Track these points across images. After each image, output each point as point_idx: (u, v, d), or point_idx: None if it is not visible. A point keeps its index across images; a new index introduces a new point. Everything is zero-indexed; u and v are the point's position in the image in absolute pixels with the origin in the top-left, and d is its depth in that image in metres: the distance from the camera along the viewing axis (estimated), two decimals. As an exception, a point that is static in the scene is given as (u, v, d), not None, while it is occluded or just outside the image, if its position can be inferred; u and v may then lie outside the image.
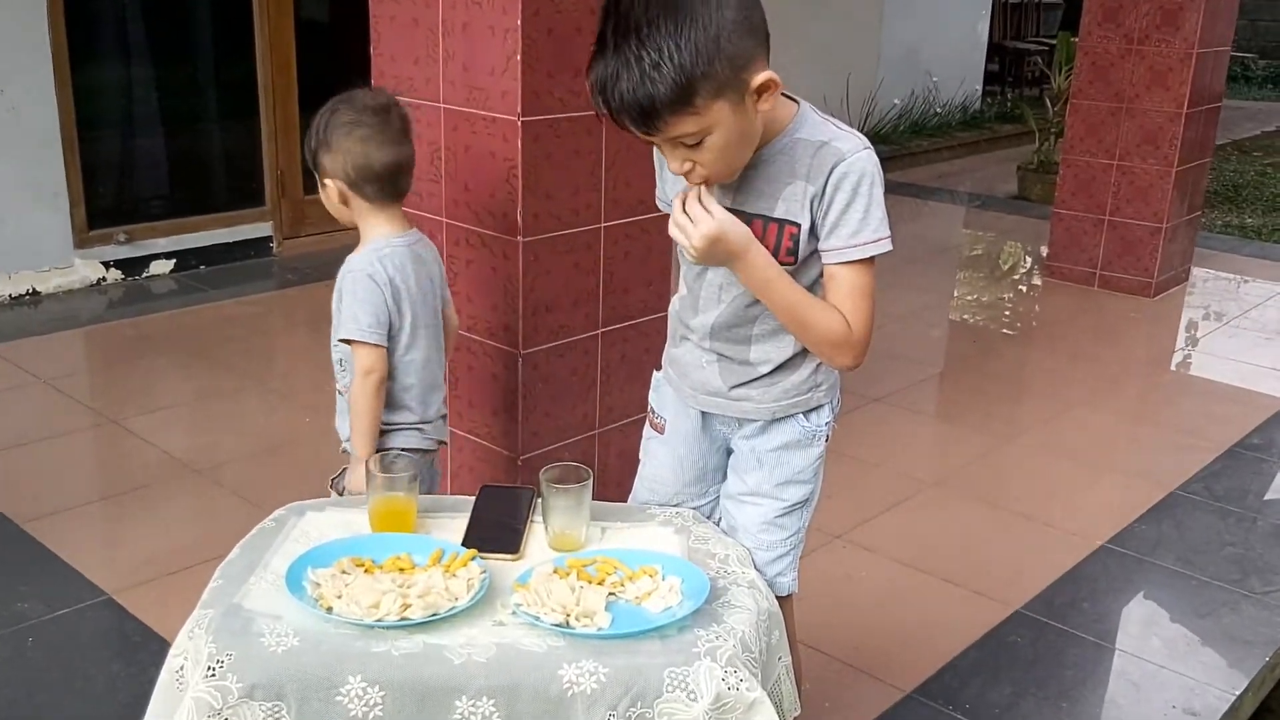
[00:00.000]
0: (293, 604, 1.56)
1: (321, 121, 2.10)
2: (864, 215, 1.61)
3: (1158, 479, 3.58)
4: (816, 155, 1.61)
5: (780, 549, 1.86)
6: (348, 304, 2.09)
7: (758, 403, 1.80)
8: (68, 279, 4.88)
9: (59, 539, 2.90)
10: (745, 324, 1.76)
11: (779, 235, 1.66)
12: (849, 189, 1.60)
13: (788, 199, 1.64)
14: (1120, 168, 5.47)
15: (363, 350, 2.09)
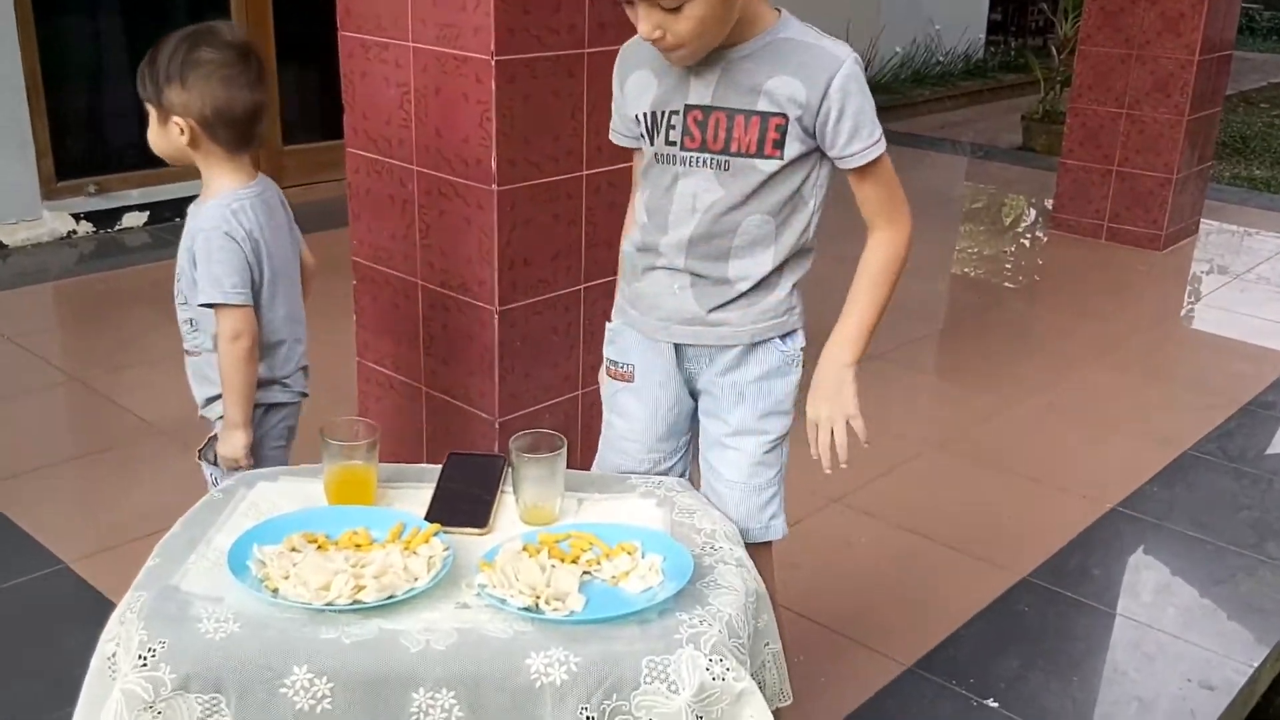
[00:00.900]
0: (235, 585, 1.41)
1: (175, 54, 1.92)
2: (872, 117, 1.64)
3: (1169, 439, 3.44)
4: (808, 55, 1.62)
5: (770, 489, 1.80)
6: (206, 266, 1.92)
7: (736, 326, 1.74)
8: (35, 232, 4.71)
9: (16, 505, 2.76)
10: (724, 234, 1.70)
11: (763, 128, 1.63)
12: (852, 93, 1.61)
13: (771, 93, 1.62)
14: (1130, 116, 5.28)
15: (229, 314, 1.93)
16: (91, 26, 5.03)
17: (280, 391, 2.08)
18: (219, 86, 1.93)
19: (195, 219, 1.97)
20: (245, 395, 1.98)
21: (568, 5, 2.35)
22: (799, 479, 1.86)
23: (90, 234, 4.87)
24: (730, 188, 1.67)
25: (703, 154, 1.67)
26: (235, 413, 1.98)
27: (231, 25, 2.10)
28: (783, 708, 1.63)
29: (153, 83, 1.93)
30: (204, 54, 1.93)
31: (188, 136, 1.94)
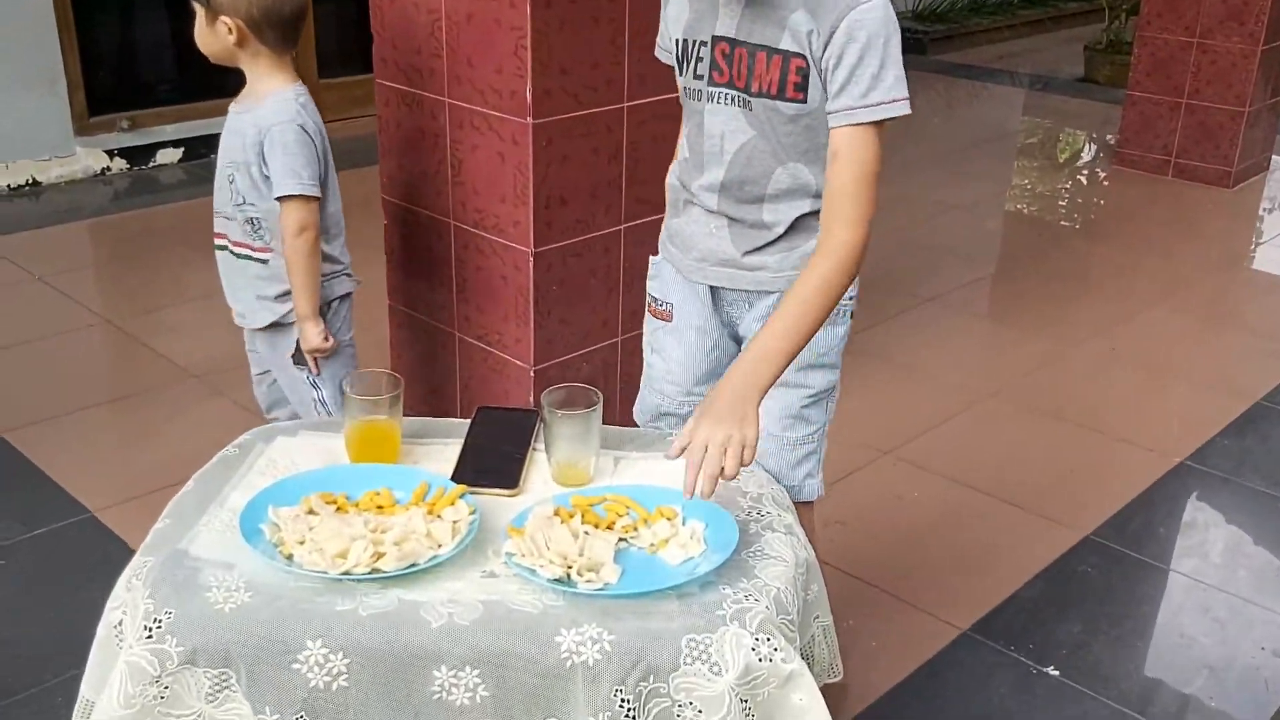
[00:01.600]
0: (247, 551, 1.32)
1: None
2: (878, 72, 1.44)
3: (1240, 388, 3.27)
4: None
5: (806, 446, 1.69)
6: (283, 159, 1.99)
7: (774, 271, 1.63)
8: (69, 169, 4.63)
9: (42, 451, 2.70)
10: (756, 180, 1.58)
11: (784, 69, 1.50)
12: (862, 41, 1.44)
13: (794, 29, 1.48)
14: (1201, 46, 5.00)
15: (299, 206, 2.02)
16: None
17: (347, 280, 2.20)
18: None
19: (256, 115, 2.02)
20: (314, 288, 2.08)
21: (608, -77, 2.20)
22: (846, 430, 1.76)
23: (124, 171, 4.79)
24: (758, 129, 1.55)
25: (729, 90, 1.55)
26: (306, 306, 2.08)
27: None
28: (831, 682, 1.52)
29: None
30: None
31: (235, 36, 2.00)
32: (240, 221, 2.08)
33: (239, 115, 2.07)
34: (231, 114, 2.09)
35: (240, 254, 2.13)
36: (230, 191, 2.07)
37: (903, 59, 1.47)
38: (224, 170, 2.07)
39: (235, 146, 2.04)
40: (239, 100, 2.09)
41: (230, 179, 2.06)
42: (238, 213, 2.07)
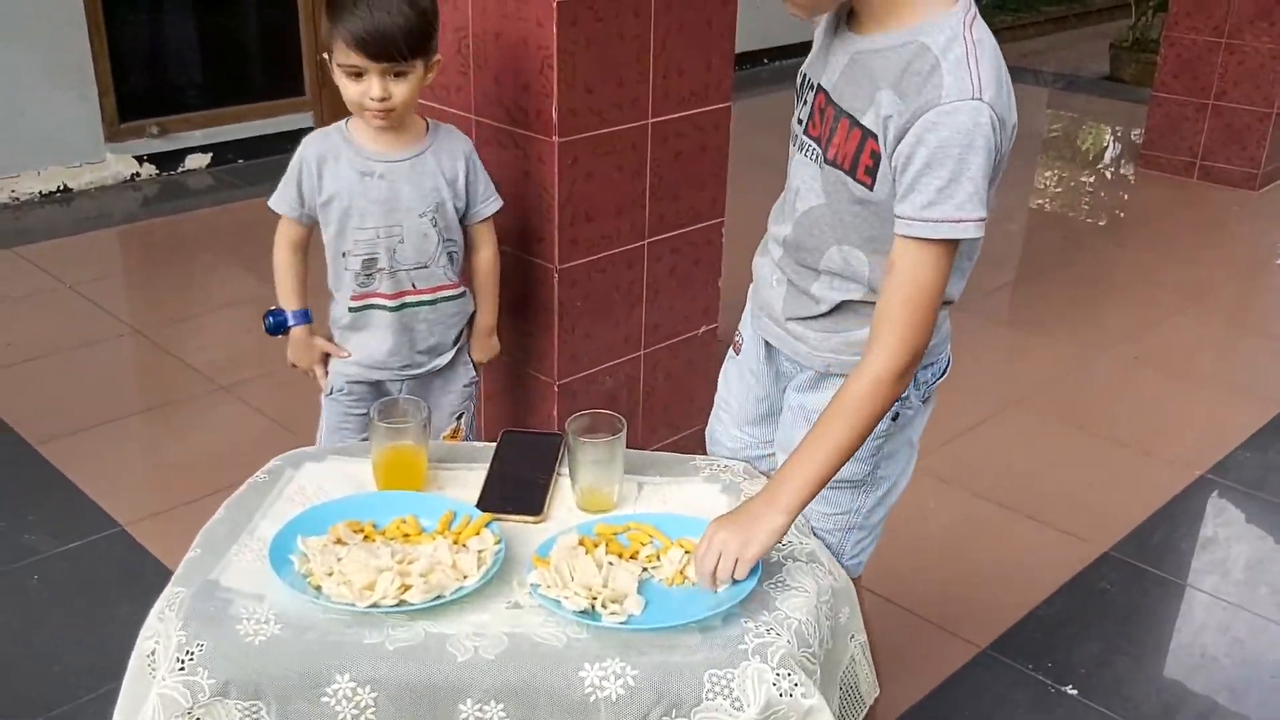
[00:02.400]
0: (277, 582, 1.35)
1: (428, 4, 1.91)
2: (946, 185, 1.27)
3: (1264, 396, 3.26)
4: (920, 76, 1.29)
5: (825, 524, 1.59)
6: (485, 177, 2.08)
7: (812, 347, 1.54)
8: (100, 175, 4.68)
9: (72, 462, 2.75)
10: (813, 250, 1.48)
11: (859, 147, 1.36)
12: (933, 145, 1.27)
13: (878, 106, 1.33)
14: (1229, 46, 4.97)
15: (493, 221, 2.11)
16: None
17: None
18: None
19: (435, 152, 2.00)
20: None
21: (631, -57, 2.21)
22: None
23: (153, 176, 4.83)
24: (827, 198, 1.43)
25: (815, 146, 1.44)
26: (495, 316, 2.17)
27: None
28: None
29: (424, 35, 1.89)
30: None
31: (435, 73, 1.99)
32: (440, 265, 2.03)
33: (401, 164, 1.97)
34: (381, 175, 1.96)
35: (434, 299, 2.05)
36: (435, 237, 1.99)
37: (999, 75, 1.30)
38: (413, 224, 1.97)
39: (425, 190, 1.98)
40: (382, 159, 1.96)
41: (434, 222, 1.99)
42: (440, 255, 2.02)
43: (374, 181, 1.96)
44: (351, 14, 1.82)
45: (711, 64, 2.43)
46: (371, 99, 1.87)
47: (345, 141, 1.98)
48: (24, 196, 4.49)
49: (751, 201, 2.61)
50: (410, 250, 1.99)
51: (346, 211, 1.97)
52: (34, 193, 4.52)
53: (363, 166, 1.96)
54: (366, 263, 1.99)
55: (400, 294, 2.02)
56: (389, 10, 1.82)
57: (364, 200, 1.96)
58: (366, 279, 2.00)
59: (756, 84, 6.52)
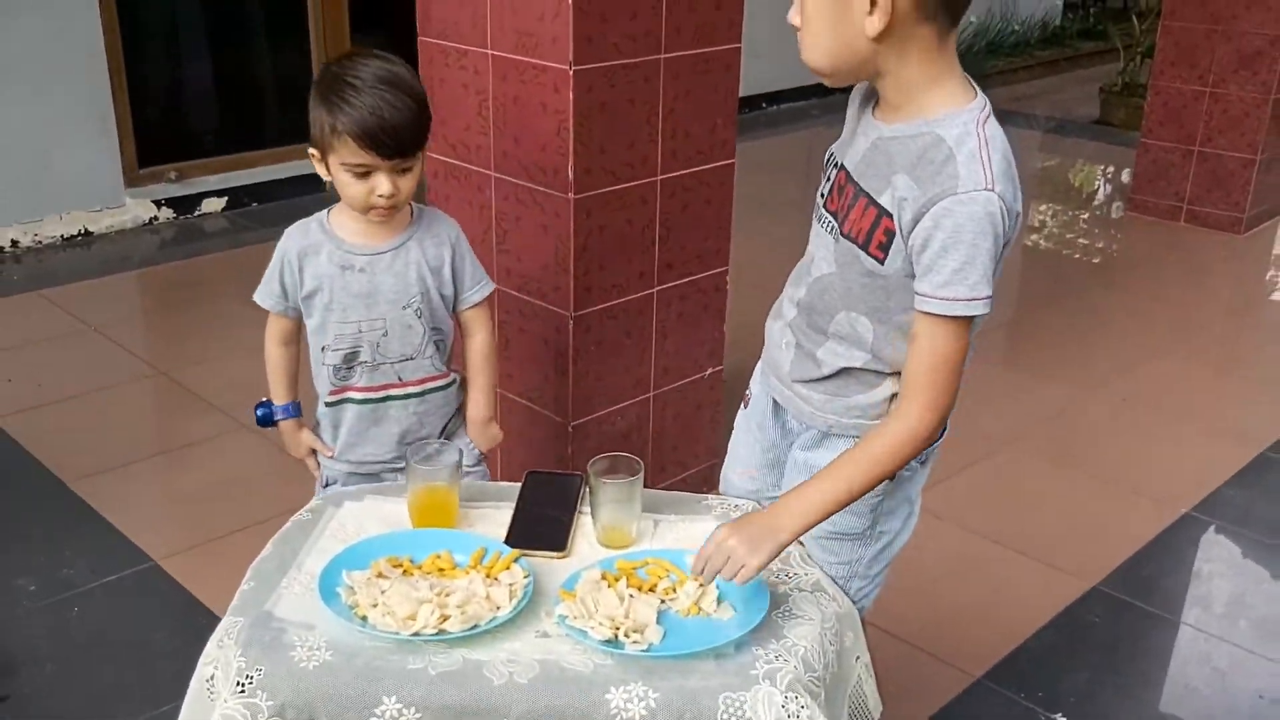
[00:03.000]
0: (326, 612, 1.47)
1: (418, 77, 1.88)
2: (960, 267, 1.39)
3: (1247, 437, 3.38)
4: (935, 165, 1.40)
5: (832, 571, 1.68)
6: (473, 261, 1.99)
7: (816, 409, 1.63)
8: (119, 219, 4.82)
9: (106, 500, 2.86)
10: (823, 314, 1.59)
11: (874, 224, 1.47)
12: (949, 230, 1.39)
13: (895, 189, 1.45)
14: (1213, 95, 5.14)
15: (488, 303, 2.04)
16: (169, 11, 5.13)
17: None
18: None
19: (419, 241, 1.91)
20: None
21: (644, 12, 2.36)
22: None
23: (171, 220, 4.98)
24: (839, 268, 1.54)
25: (832, 219, 1.56)
26: (491, 405, 2.05)
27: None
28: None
29: (427, 125, 1.84)
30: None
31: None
32: (428, 356, 1.96)
33: (383, 256, 1.89)
34: (361, 268, 1.89)
35: (421, 391, 1.98)
36: (420, 328, 1.93)
37: (1009, 170, 1.42)
38: (396, 316, 1.91)
39: (408, 281, 1.90)
40: (364, 250, 1.89)
41: (418, 313, 1.92)
42: (427, 345, 1.95)
43: (354, 275, 1.88)
44: (356, 109, 1.74)
45: (716, 125, 2.58)
46: (381, 196, 1.80)
47: (325, 234, 1.90)
48: (46, 240, 4.63)
49: (752, 244, 2.76)
50: (395, 343, 1.92)
51: (328, 306, 1.90)
52: (56, 236, 4.66)
53: (343, 260, 1.88)
54: (347, 356, 1.93)
55: (384, 387, 1.95)
56: (395, 104, 1.75)
57: (345, 294, 1.89)
58: (347, 372, 1.95)
59: (756, 128, 6.70)
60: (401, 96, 1.76)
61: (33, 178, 4.54)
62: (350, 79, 1.76)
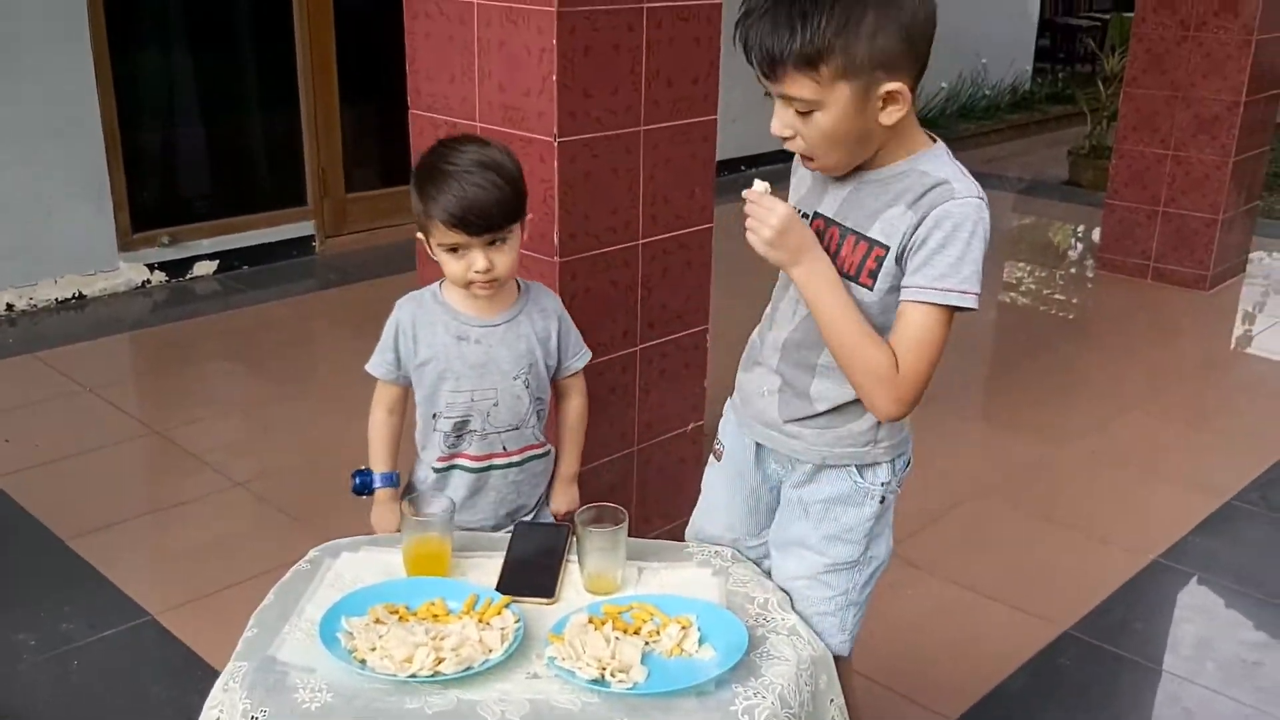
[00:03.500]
0: (326, 656, 1.54)
1: (509, 157, 1.96)
2: (956, 262, 1.54)
3: (1213, 487, 3.49)
4: (930, 190, 1.56)
5: (824, 606, 1.78)
6: (575, 332, 2.09)
7: (809, 444, 1.74)
8: (112, 282, 4.91)
9: (103, 556, 2.92)
10: (813, 347, 1.69)
11: (865, 254, 1.61)
12: (948, 228, 1.54)
13: (886, 222, 1.59)
14: (1175, 158, 5.32)
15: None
16: (165, 82, 5.26)
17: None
18: None
19: (528, 315, 2.02)
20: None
21: (624, 87, 2.49)
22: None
23: (163, 283, 5.07)
24: None
25: None
26: (578, 466, 2.15)
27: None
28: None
29: (517, 201, 1.92)
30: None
31: (527, 231, 2.01)
32: (530, 425, 2.04)
33: (497, 328, 1.99)
34: (478, 340, 1.98)
35: (521, 460, 2.05)
36: (527, 398, 2.01)
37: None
38: (507, 387, 1.98)
39: (520, 353, 1.99)
40: (478, 324, 1.98)
41: (526, 384, 2.00)
42: (531, 415, 2.03)
43: (470, 346, 1.97)
44: (442, 193, 1.85)
45: (694, 192, 2.70)
46: (477, 272, 1.88)
47: (439, 304, 1.99)
48: (41, 303, 4.72)
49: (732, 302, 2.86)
50: (504, 412, 1.99)
51: (441, 375, 1.97)
52: (51, 300, 4.74)
53: (458, 331, 1.97)
54: (458, 425, 1.99)
55: (488, 456, 2.02)
56: (480, 184, 1.84)
57: (460, 364, 1.96)
58: (456, 440, 2.01)
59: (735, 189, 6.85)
60: (488, 174, 1.86)
61: (28, 243, 4.64)
62: (440, 165, 1.89)
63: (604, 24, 2.39)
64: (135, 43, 5.02)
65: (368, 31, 5.78)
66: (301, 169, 5.54)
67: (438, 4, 2.55)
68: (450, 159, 1.89)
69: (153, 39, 5.18)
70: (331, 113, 5.55)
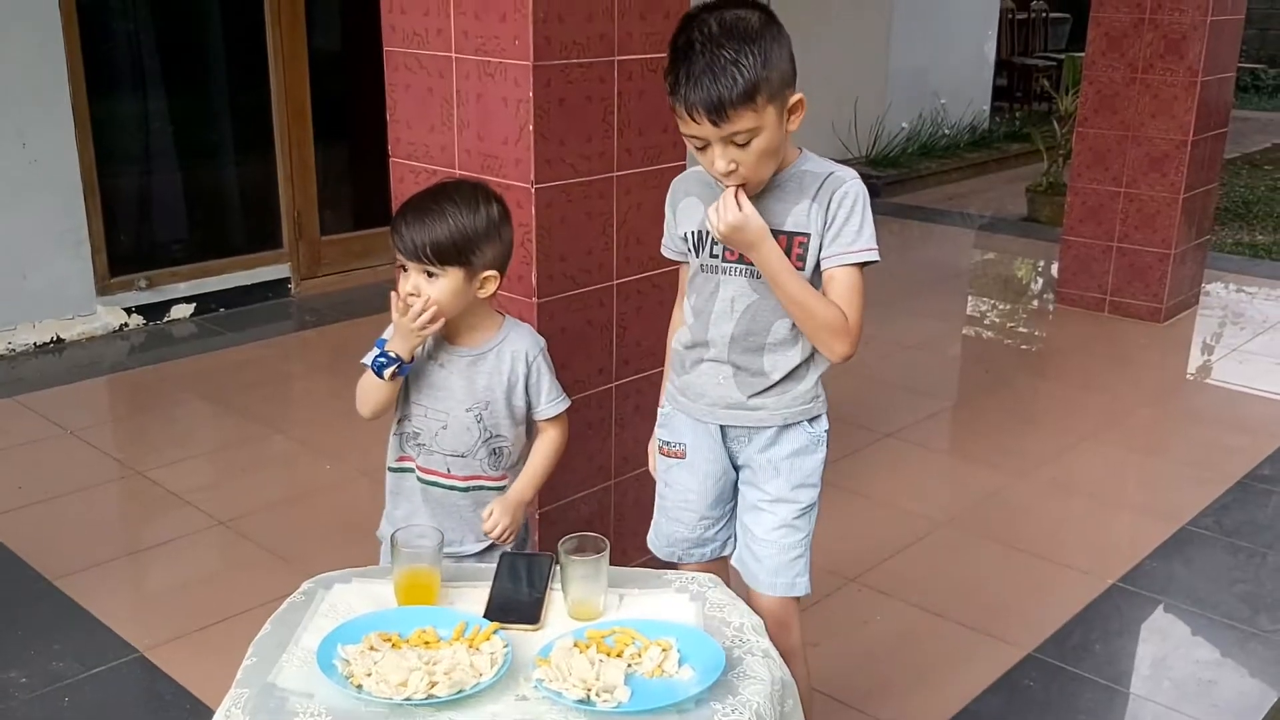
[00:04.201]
0: (324, 682, 1.62)
1: (486, 214, 2.01)
2: (859, 229, 1.93)
3: (1168, 513, 3.62)
4: (824, 182, 1.94)
5: (797, 550, 2.06)
6: (550, 379, 2.13)
7: (772, 410, 2.03)
8: (90, 326, 4.96)
9: (90, 595, 2.97)
10: (759, 332, 2.00)
11: (789, 244, 1.94)
12: (849, 206, 1.92)
13: (797, 215, 1.94)
14: (1127, 195, 5.51)
15: (566, 414, 2.18)
16: (142, 129, 5.34)
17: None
18: (509, 233, 2.08)
19: (497, 353, 2.07)
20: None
21: (598, 135, 2.60)
22: (816, 559, 2.09)
23: (140, 326, 5.12)
24: (763, 292, 1.97)
25: (741, 265, 1.98)
26: (530, 492, 2.16)
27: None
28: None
29: (465, 246, 1.98)
30: (501, 207, 2.05)
31: (496, 285, 2.05)
32: (479, 457, 2.09)
33: (462, 359, 2.07)
34: (442, 363, 2.07)
35: (466, 487, 2.11)
36: (477, 432, 2.07)
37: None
38: (458, 416, 2.06)
39: (476, 389, 2.06)
40: (447, 349, 2.07)
41: (478, 418, 2.07)
42: (479, 448, 2.09)
43: (435, 366, 2.07)
44: (403, 213, 1.99)
45: (668, 233, 2.81)
46: (407, 292, 1.98)
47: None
48: (19, 348, 4.76)
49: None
50: (450, 438, 2.07)
51: (411, 380, 2.08)
52: (29, 344, 4.79)
53: (433, 350, 2.08)
54: (411, 432, 2.11)
55: (433, 472, 2.10)
56: (429, 217, 1.97)
57: (423, 379, 2.07)
58: (405, 443, 2.12)
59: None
60: (445, 211, 1.97)
61: (6, 288, 4.69)
62: (421, 191, 2.05)
63: (577, 76, 2.51)
64: (113, 90, 5.10)
65: (342, 78, 5.90)
66: (277, 213, 5.63)
67: (417, 58, 2.66)
68: (431, 191, 2.04)
69: (131, 86, 5.26)
70: (306, 157, 5.64)
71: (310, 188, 5.66)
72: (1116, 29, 5.39)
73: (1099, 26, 5.44)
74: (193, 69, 5.50)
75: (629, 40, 2.59)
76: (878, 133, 8.78)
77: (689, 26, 1.84)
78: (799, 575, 2.07)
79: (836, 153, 8.32)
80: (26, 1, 4.58)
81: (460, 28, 2.54)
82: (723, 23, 1.82)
